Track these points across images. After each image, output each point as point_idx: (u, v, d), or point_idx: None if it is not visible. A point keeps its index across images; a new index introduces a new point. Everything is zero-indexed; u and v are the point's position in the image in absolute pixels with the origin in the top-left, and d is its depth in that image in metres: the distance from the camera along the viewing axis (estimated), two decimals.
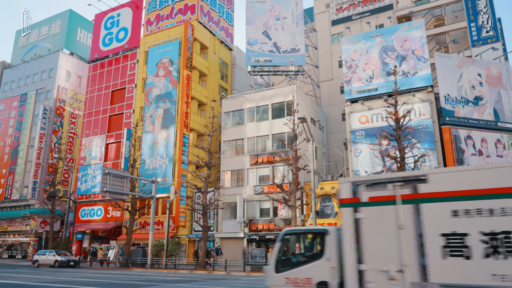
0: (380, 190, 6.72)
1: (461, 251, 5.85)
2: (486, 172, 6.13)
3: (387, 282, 6.33)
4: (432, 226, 6.12)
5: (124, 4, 43.42)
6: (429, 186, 6.28)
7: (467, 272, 5.74)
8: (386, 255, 6.42)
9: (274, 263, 7.92)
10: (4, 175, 44.66)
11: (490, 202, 5.72)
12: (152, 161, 35.02)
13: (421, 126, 27.62)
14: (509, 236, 5.51)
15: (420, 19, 31.65)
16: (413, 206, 6.34)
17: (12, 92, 48.87)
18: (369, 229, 6.66)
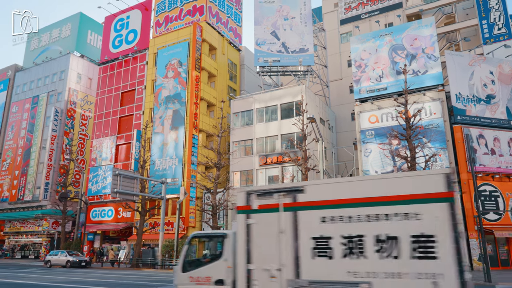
0: (267, 199, 7.58)
1: (326, 252, 6.74)
2: (347, 184, 7.25)
3: (268, 280, 7.13)
4: (305, 231, 6.97)
5: (134, 6, 43.76)
6: (305, 196, 7.15)
7: (330, 270, 6.65)
8: (269, 256, 7.23)
9: (181, 263, 8.66)
10: (17, 176, 45.32)
11: (349, 210, 6.65)
12: (162, 162, 35.21)
13: (432, 125, 27.29)
14: (362, 239, 6.45)
15: (430, 17, 31.30)
16: (292, 213, 7.20)
17: (24, 95, 49.60)
18: (257, 233, 7.46)
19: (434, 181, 6.26)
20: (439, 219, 6.11)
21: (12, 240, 44.67)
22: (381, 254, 6.32)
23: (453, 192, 6.15)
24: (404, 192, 6.38)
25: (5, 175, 46.86)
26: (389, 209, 6.39)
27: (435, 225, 6.11)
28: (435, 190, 6.19)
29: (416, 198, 6.25)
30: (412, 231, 6.17)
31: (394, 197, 6.41)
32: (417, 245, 6.13)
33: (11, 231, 44.05)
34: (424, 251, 6.08)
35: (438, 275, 5.93)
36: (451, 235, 6.05)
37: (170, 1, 41.70)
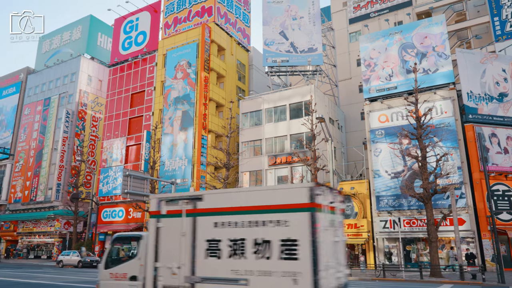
0: (174, 206, 8.52)
1: (215, 253, 7.74)
2: (235, 194, 8.19)
3: (170, 276, 8.12)
4: (201, 234, 7.97)
5: (143, 8, 44.07)
6: (203, 204, 8.15)
7: (218, 268, 7.63)
8: (172, 256, 8.22)
9: (104, 261, 9.74)
10: (30, 177, 45.97)
11: (236, 217, 7.63)
12: (172, 162, 35.40)
13: (443, 124, 26.98)
14: (243, 242, 7.41)
15: (441, 15, 30.94)
16: (192, 218, 8.18)
17: (36, 97, 50.28)
18: (164, 236, 8.46)
19: (300, 193, 7.13)
20: (302, 225, 6.95)
21: (25, 241, 45.33)
22: (257, 255, 7.28)
23: (314, 203, 6.99)
24: (278, 202, 7.32)
25: (18, 176, 47.57)
26: (265, 217, 7.34)
27: (299, 231, 6.97)
28: (300, 201, 7.06)
29: (286, 208, 7.18)
30: (281, 236, 7.12)
31: (270, 206, 7.35)
32: (284, 248, 7.08)
33: (24, 231, 44.70)
34: (289, 253, 7.01)
35: (298, 273, 6.84)
36: (310, 240, 6.86)
37: (179, 3, 41.91)
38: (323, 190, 7.39)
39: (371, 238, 27.38)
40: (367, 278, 20.97)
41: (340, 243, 8.00)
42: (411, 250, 26.45)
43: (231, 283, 7.41)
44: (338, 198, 8.23)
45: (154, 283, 8.32)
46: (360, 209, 27.85)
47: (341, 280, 7.74)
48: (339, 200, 8.25)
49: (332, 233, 7.61)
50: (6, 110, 52.70)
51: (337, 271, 7.56)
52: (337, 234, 7.89)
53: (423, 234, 25.29)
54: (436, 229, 21.42)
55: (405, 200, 26.68)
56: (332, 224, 7.71)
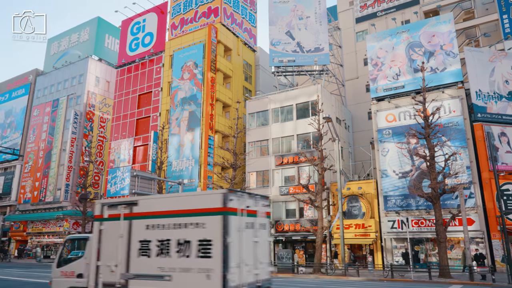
0: (114, 210, 9.41)
1: (146, 252, 8.62)
2: (164, 200, 9.20)
3: (109, 273, 8.98)
4: (135, 236, 8.82)
5: (149, 10, 44.30)
6: (138, 208, 9.02)
7: (147, 266, 8.49)
8: (111, 255, 9.07)
9: (57, 260, 10.69)
10: (39, 178, 46.44)
11: (163, 220, 8.51)
12: (179, 163, 35.53)
13: (451, 123, 26.74)
14: (169, 242, 8.28)
15: (449, 13, 30.66)
16: (129, 221, 9.05)
17: (45, 98, 50.78)
18: (106, 237, 9.35)
19: (214, 199, 7.97)
20: (215, 227, 7.75)
21: (34, 241, 45.80)
22: (179, 254, 8.15)
23: (226, 207, 7.78)
24: (197, 206, 8.19)
25: (27, 177, 48.08)
26: (187, 220, 8.20)
27: (213, 232, 7.78)
28: (215, 205, 7.88)
29: (203, 212, 8.03)
30: (199, 237, 7.96)
31: (191, 210, 8.23)
32: (201, 247, 7.91)
33: (34, 231, 45.16)
34: (204, 252, 7.85)
35: (210, 270, 7.65)
36: (221, 240, 7.64)
37: (185, 3, 42.06)
38: (238, 196, 8.24)
39: (379, 238, 27.23)
40: (375, 279, 20.86)
41: (260, 243, 8.72)
42: (419, 251, 26.24)
43: (157, 279, 8.27)
44: (260, 202, 9.02)
45: (96, 280, 9.21)
46: (368, 209, 27.70)
47: (260, 276, 8.57)
48: (262, 204, 9.07)
49: (251, 234, 8.45)
50: (16, 111, 53.31)
51: (255, 268, 8.40)
52: (257, 235, 8.66)
53: (431, 234, 25.09)
54: (444, 229, 21.24)
55: (413, 200, 26.49)
56: (252, 226, 8.53)
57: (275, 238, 30.66)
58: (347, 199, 28.50)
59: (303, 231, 29.08)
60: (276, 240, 30.80)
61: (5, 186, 49.90)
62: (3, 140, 52.71)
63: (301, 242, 30.52)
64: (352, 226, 27.65)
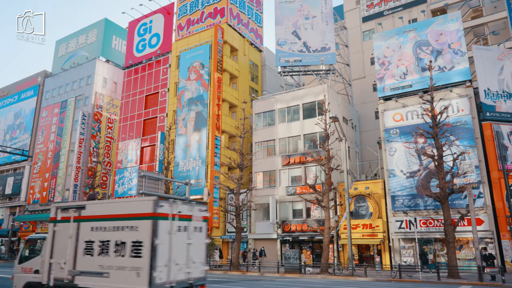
0: (66, 213, 10.47)
1: (90, 251, 9.61)
2: (106, 205, 10.22)
3: (60, 270, 10.07)
4: (82, 236, 9.85)
5: (156, 11, 44.52)
6: (85, 211, 10.06)
7: (90, 264, 9.50)
8: (62, 254, 10.14)
9: (18, 257, 11.66)
10: (47, 178, 46.88)
11: (105, 223, 9.51)
12: (186, 163, 35.64)
13: (459, 122, 26.50)
14: (109, 243, 9.25)
15: (456, 11, 30.40)
16: (77, 223, 10.08)
17: (53, 100, 51.26)
18: (58, 237, 10.43)
19: (146, 205, 8.91)
20: (146, 230, 8.70)
21: None
22: (116, 254, 9.08)
23: (156, 213, 8.72)
24: (132, 211, 9.16)
25: (36, 178, 48.57)
26: (124, 223, 9.17)
27: (144, 234, 8.71)
28: (146, 211, 8.84)
29: (137, 216, 8.99)
30: (133, 238, 8.89)
31: (127, 215, 9.20)
32: (134, 248, 8.82)
33: (43, 231, 45.61)
34: (136, 252, 8.76)
35: (140, 268, 8.56)
36: (150, 242, 8.54)
37: (192, 4, 42.20)
38: (169, 202, 9.22)
39: (387, 238, 27.07)
40: (383, 279, 20.74)
41: (194, 245, 9.71)
42: (427, 251, 26.03)
43: (98, 276, 9.30)
44: (196, 208, 10.06)
45: (48, 276, 10.31)
46: (375, 209, 27.56)
47: (193, 275, 9.60)
48: (198, 210, 10.10)
49: (184, 236, 9.48)
50: (25, 113, 53.88)
51: (187, 267, 9.43)
52: (191, 237, 9.65)
53: (440, 234, 24.89)
54: (453, 229, 21.05)
55: (421, 200, 26.30)
56: (185, 229, 9.52)
57: (282, 238, 30.62)
58: (354, 199, 28.38)
59: (310, 231, 29.01)
60: (283, 240, 30.75)
61: (15, 187, 50.46)
62: (12, 141, 53.30)
63: (308, 242, 30.45)
64: (360, 226, 27.53)
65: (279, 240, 30.70)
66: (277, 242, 30.70)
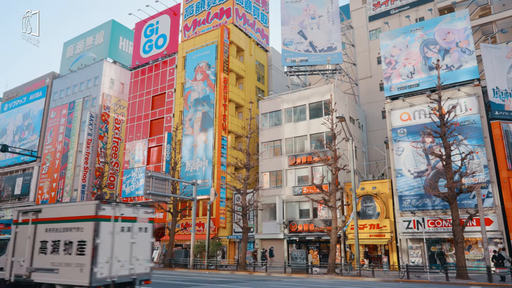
0: (26, 216, 11.76)
1: (44, 250, 10.83)
2: (57, 208, 11.58)
3: (19, 267, 11.30)
4: (38, 237, 11.11)
5: (163, 12, 44.72)
6: (41, 214, 11.39)
7: (44, 261, 10.70)
8: (21, 252, 11.37)
9: None
10: (56, 179, 47.32)
11: (57, 224, 10.73)
12: (192, 163, 35.75)
13: (468, 121, 26.26)
14: (59, 242, 10.44)
15: (464, 10, 30.13)
16: (35, 225, 11.38)
17: (61, 101, 51.72)
18: (19, 238, 11.72)
19: (89, 208, 10.05)
20: (89, 231, 9.84)
21: None
22: (65, 252, 10.25)
23: (98, 215, 9.85)
24: (79, 214, 10.31)
25: (44, 178, 49.04)
26: (72, 225, 10.31)
27: (87, 234, 9.85)
28: (89, 213, 10.00)
29: (82, 218, 10.12)
30: (79, 238, 10.06)
31: (75, 217, 10.34)
32: (79, 247, 9.97)
33: None
34: (81, 250, 9.90)
35: (83, 265, 9.74)
36: (92, 241, 9.71)
37: (198, 5, 42.33)
38: (112, 206, 10.29)
39: (394, 238, 26.91)
40: (391, 280, 20.63)
41: (138, 244, 10.85)
42: (436, 251, 25.84)
43: (50, 272, 10.45)
44: (141, 210, 11.24)
45: (10, 272, 11.54)
46: (383, 209, 27.42)
47: (136, 271, 10.72)
48: (143, 212, 11.29)
49: (128, 236, 10.60)
50: (34, 114, 54.43)
51: (130, 263, 10.55)
52: (135, 237, 10.78)
53: (448, 234, 24.69)
54: (462, 229, 20.88)
55: (429, 200, 26.11)
56: (129, 229, 10.64)
57: (288, 238, 30.59)
58: (362, 199, 28.26)
59: (317, 231, 28.95)
60: (290, 240, 30.72)
61: (24, 187, 50.99)
62: (21, 142, 53.86)
63: (315, 243, 30.38)
64: (367, 226, 27.41)
65: (285, 240, 30.67)
66: (284, 242, 30.67)
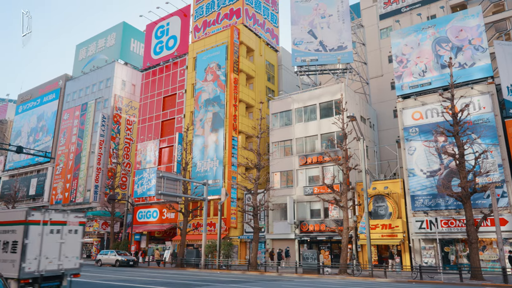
0: None
1: None
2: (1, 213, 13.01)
3: None
4: None
5: (173, 13, 45.01)
6: None
7: None
8: None
9: None
10: (69, 179, 48.00)
11: None
12: (203, 163, 35.92)
13: (481, 120, 25.87)
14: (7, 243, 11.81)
15: (477, 6, 29.68)
16: None
17: (74, 102, 52.46)
18: None
19: (21, 214, 11.72)
20: (20, 233, 11.49)
21: None
22: (3, 250, 11.75)
23: (27, 220, 11.48)
24: (14, 219, 11.96)
25: (58, 179, 49.78)
26: (8, 227, 11.90)
27: (19, 236, 11.47)
28: (21, 218, 11.68)
29: (16, 222, 11.77)
30: (13, 239, 11.63)
31: (10, 221, 11.98)
32: (13, 246, 11.53)
33: None
34: (14, 249, 11.47)
35: (15, 261, 11.30)
36: (21, 241, 11.34)
37: (208, 6, 42.51)
38: (41, 212, 11.92)
39: (407, 239, 26.66)
40: (403, 280, 20.44)
41: (67, 243, 12.38)
42: (449, 252, 25.53)
43: None
44: (71, 215, 12.76)
45: None
46: (395, 209, 27.18)
47: (64, 266, 12.23)
48: (74, 216, 12.81)
49: (57, 237, 12.16)
50: (47, 115, 55.30)
51: (59, 260, 12.08)
52: (63, 238, 12.32)
53: (462, 235, 24.36)
54: (476, 229, 20.58)
55: (442, 200, 25.80)
56: (58, 231, 12.23)
57: (300, 239, 30.52)
58: (373, 199, 28.06)
59: (328, 232, 28.83)
60: (301, 240, 30.65)
61: (38, 188, 51.85)
62: (35, 143, 54.77)
63: (327, 243, 30.27)
64: (379, 226, 27.20)
65: (297, 240, 30.61)
66: (295, 242, 30.62)
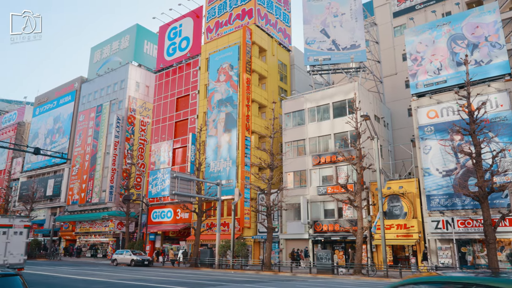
0: None
1: None
2: None
3: None
4: None
5: (185, 15, 45.33)
6: None
7: None
8: None
9: None
10: (85, 180, 48.76)
11: None
12: (216, 164, 36.08)
13: (498, 118, 25.36)
14: None
15: (493, 2, 29.11)
16: None
17: (89, 104, 53.28)
18: None
19: None
20: None
21: (82, 240, 48.14)
22: None
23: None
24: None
25: (75, 180, 50.63)
26: None
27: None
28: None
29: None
30: None
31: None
32: None
33: (82, 231, 47.48)
34: None
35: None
36: None
37: (220, 7, 42.68)
38: None
39: (422, 239, 26.31)
40: None
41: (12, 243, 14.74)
42: (466, 252, 25.10)
43: None
44: (17, 220, 15.31)
45: None
46: (410, 209, 26.85)
47: (10, 261, 14.30)
48: (19, 221, 15.32)
49: (4, 237, 14.54)
50: (64, 117, 56.30)
51: (4, 256, 14.38)
52: (9, 238, 14.65)
53: (479, 235, 23.92)
54: (494, 230, 20.20)
55: (459, 199, 25.38)
56: (4, 233, 14.59)
57: (313, 239, 30.41)
58: (388, 198, 27.77)
59: (343, 232, 28.65)
60: (315, 240, 30.53)
61: (55, 188, 52.82)
62: (52, 144, 55.81)
63: (341, 243, 30.08)
64: (394, 226, 26.90)
65: (310, 240, 30.50)
66: (309, 243, 30.51)
